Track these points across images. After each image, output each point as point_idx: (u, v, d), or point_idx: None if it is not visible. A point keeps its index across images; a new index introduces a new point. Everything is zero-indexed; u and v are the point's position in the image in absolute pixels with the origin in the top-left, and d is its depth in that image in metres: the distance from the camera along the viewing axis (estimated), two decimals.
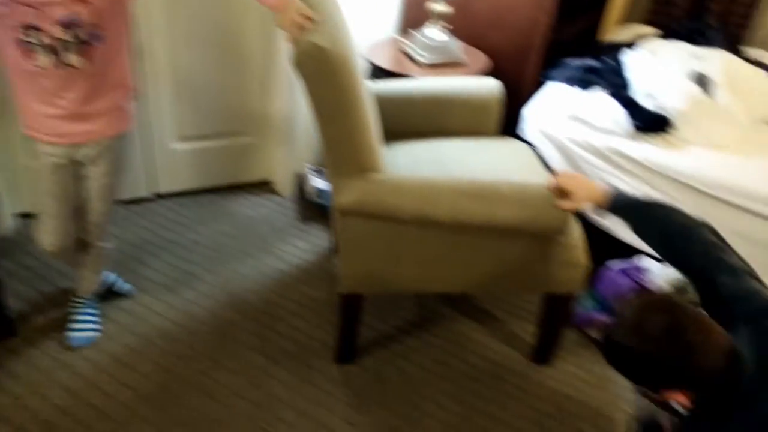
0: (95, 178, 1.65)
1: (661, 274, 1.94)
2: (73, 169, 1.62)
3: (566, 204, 1.54)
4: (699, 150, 2.01)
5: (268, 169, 2.66)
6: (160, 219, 2.41)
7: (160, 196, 2.52)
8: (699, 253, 1.25)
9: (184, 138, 2.44)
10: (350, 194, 1.51)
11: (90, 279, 1.88)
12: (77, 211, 1.69)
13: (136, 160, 2.34)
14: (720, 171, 1.91)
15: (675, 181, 1.93)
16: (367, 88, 1.72)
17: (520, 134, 2.39)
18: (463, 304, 2.13)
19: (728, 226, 1.89)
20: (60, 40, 1.39)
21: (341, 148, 1.46)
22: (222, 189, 2.61)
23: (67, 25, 1.38)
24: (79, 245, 1.77)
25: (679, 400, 1.10)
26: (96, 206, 1.70)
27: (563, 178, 1.57)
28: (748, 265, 1.23)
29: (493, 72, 2.36)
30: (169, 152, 2.43)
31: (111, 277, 2.00)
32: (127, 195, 2.39)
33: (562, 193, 1.55)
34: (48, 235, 1.67)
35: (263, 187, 2.66)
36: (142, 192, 2.47)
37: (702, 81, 2.15)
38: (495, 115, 2.09)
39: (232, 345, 1.90)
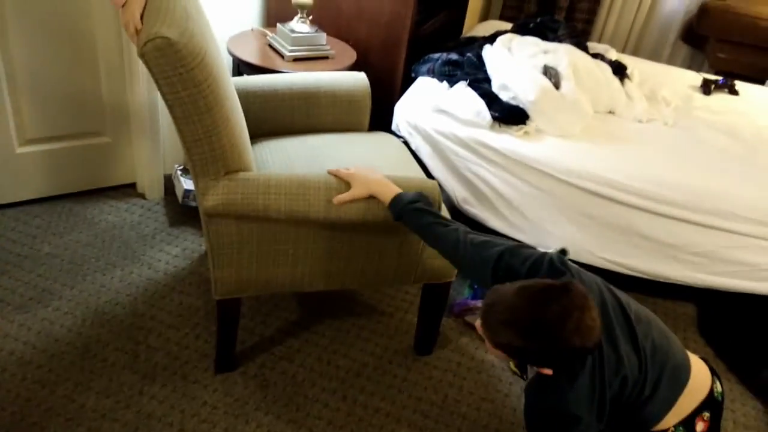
0: None
1: None
2: None
3: (341, 196, 1.51)
4: (552, 139, 2.16)
5: (132, 171, 2.48)
6: (6, 231, 2.17)
7: (6, 206, 2.26)
8: (477, 263, 1.33)
9: (30, 141, 2.21)
10: (216, 196, 1.44)
11: None
12: None
13: None
14: (570, 158, 2.07)
15: (532, 168, 2.07)
16: (231, 83, 1.65)
17: (393, 129, 2.43)
18: (345, 301, 2.14)
19: (579, 208, 2.07)
20: None
21: (203, 148, 1.38)
22: (79, 195, 2.40)
23: None
24: None
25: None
26: None
27: (347, 173, 1.55)
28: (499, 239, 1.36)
29: (364, 66, 2.37)
30: (13, 157, 2.19)
31: None
32: None
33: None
34: None
35: (127, 190, 2.49)
36: None
37: (551, 74, 2.32)
38: (365, 109, 2.10)
39: (99, 365, 1.76)
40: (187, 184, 2.30)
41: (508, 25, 3.06)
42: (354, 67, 2.32)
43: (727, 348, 2.18)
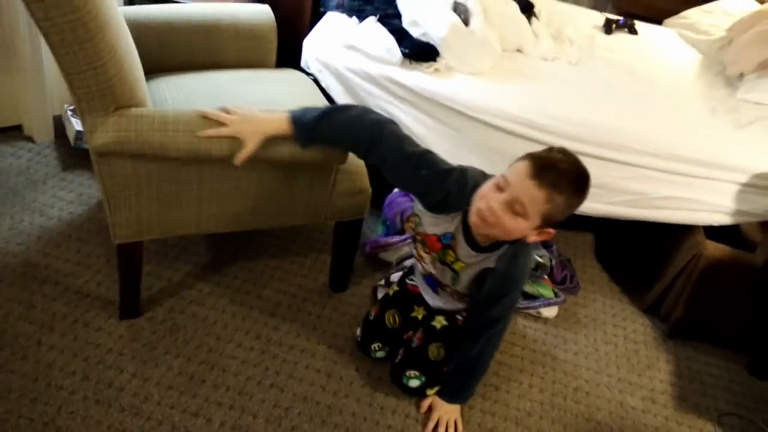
0: None
1: None
2: None
3: (210, 131, 1.42)
4: (461, 76, 2.17)
5: (16, 112, 2.28)
6: None
7: None
8: (396, 150, 1.48)
9: None
10: (106, 133, 1.35)
11: None
12: None
13: None
14: (478, 95, 2.09)
15: (442, 105, 2.07)
16: (117, 11, 1.52)
17: (302, 66, 2.35)
18: (257, 242, 2.10)
19: (487, 144, 2.11)
20: None
21: (87, 82, 1.28)
22: None
23: None
24: None
25: None
26: None
27: (220, 114, 1.44)
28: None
29: (271, 1, 2.26)
30: None
31: None
32: None
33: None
34: None
35: (12, 133, 2.29)
36: None
37: (461, 10, 2.30)
38: (271, 45, 2.02)
39: None
40: (79, 125, 2.14)
41: None
42: (260, 0, 2.20)
43: (620, 272, 2.37)
